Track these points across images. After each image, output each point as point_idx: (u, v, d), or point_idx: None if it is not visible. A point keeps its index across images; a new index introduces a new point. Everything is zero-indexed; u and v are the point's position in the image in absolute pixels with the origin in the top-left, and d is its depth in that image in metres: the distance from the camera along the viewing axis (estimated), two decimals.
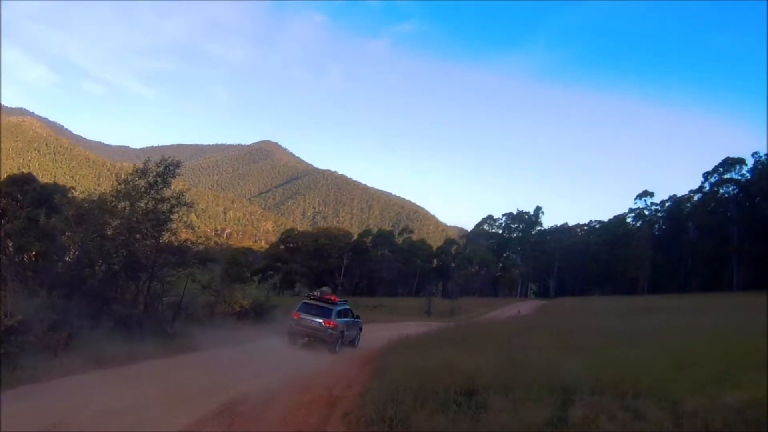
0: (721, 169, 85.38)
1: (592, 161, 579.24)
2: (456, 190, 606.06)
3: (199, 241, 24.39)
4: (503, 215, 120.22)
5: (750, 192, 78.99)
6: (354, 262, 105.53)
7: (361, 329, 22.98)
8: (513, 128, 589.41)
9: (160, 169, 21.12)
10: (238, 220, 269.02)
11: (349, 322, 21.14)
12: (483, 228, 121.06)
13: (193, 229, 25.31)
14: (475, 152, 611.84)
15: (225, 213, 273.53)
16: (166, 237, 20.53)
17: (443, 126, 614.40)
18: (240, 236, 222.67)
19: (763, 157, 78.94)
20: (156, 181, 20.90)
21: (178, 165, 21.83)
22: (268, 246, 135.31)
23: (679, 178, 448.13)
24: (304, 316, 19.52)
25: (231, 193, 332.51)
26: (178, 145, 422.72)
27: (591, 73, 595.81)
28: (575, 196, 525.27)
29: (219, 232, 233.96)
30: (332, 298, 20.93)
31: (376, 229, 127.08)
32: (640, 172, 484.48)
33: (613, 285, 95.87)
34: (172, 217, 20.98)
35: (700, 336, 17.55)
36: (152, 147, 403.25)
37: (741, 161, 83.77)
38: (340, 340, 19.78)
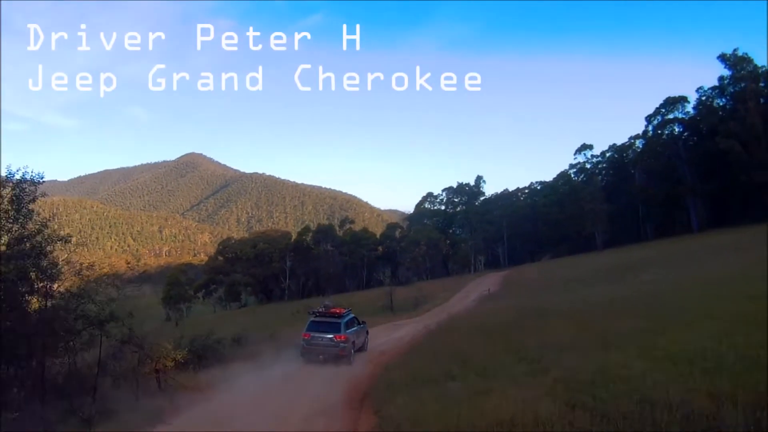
0: (663, 110, 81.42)
1: (525, 124, 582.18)
2: (386, 174, 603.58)
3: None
4: (443, 190, 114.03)
5: (699, 129, 75.21)
6: (297, 262, 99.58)
7: (368, 332, 23.14)
8: (436, 104, 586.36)
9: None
10: (175, 237, 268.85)
11: (358, 330, 21.28)
12: (424, 207, 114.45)
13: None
14: (399, 133, 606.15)
15: (161, 231, 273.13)
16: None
17: (364, 112, 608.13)
18: (179, 252, 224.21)
19: (708, 91, 75.03)
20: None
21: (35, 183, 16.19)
22: (207, 258, 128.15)
23: (614, 129, 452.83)
24: (314, 334, 19.69)
25: (164, 211, 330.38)
26: (105, 171, 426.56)
27: (507, 37, 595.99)
28: (513, 162, 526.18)
29: (157, 252, 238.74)
30: (337, 311, 20.92)
31: (314, 225, 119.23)
32: (575, 127, 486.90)
33: (569, 245, 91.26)
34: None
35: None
36: (80, 177, 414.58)
37: (683, 99, 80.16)
38: (353, 351, 20.04)
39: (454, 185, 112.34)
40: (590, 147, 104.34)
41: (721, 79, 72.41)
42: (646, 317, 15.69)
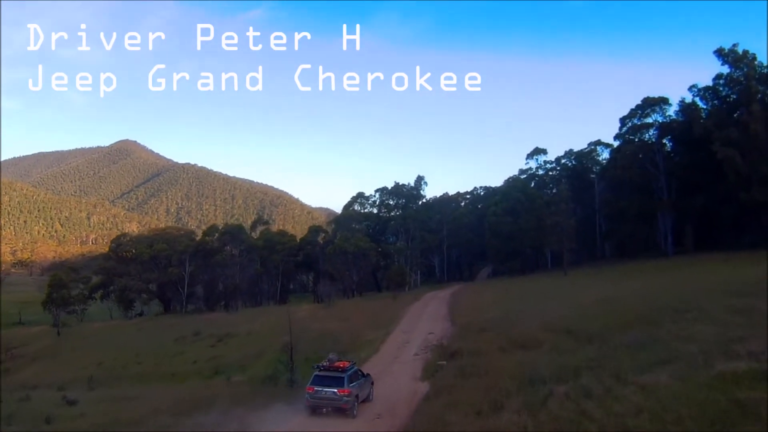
0: (640, 112, 69.51)
1: (473, 125, 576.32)
2: (319, 170, 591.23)
3: None
4: (376, 191, 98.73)
5: (685, 135, 63.28)
6: (201, 268, 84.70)
7: (372, 383, 22.59)
8: (378, 101, 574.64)
9: None
10: (103, 225, 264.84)
11: (362, 383, 21.20)
12: (353, 209, 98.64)
13: None
14: (336, 130, 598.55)
15: (89, 218, 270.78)
16: None
17: (300, 107, 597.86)
18: (105, 241, 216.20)
19: (701, 92, 63.20)
20: None
21: None
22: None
23: (570, 134, 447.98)
24: (317, 388, 19.96)
25: (94, 198, 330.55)
26: (40, 154, 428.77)
27: (455, 34, 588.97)
28: (455, 166, 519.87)
29: (84, 239, 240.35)
30: (341, 365, 20.86)
31: (243, 220, 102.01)
32: (526, 130, 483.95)
33: (521, 261, 78.48)
34: None
35: None
36: (14, 158, 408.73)
37: (664, 101, 68.81)
38: (356, 404, 20.05)
39: (391, 186, 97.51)
40: (544, 151, 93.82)
41: (717, 78, 60.91)
42: None
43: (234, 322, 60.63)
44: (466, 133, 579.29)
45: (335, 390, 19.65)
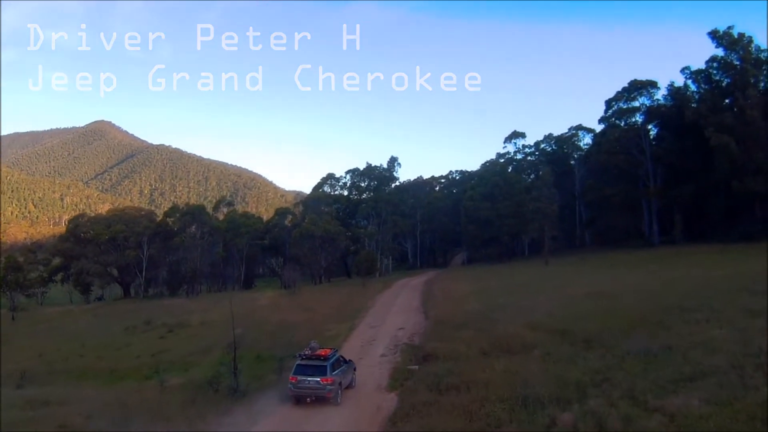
0: (627, 95, 65.90)
1: (445, 110, 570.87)
2: (294, 153, 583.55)
3: None
4: (347, 172, 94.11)
5: (675, 119, 59.74)
6: (162, 251, 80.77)
7: (355, 369, 22.23)
8: (348, 84, 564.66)
9: None
10: (76, 206, 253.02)
11: (344, 370, 20.88)
12: (323, 191, 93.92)
13: None
14: (309, 112, 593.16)
15: (62, 199, 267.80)
16: None
17: (274, 88, 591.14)
18: None
19: (695, 74, 59.60)
20: None
21: None
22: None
23: (546, 120, 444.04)
24: (300, 377, 19.57)
25: (68, 178, 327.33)
26: (15, 134, 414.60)
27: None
28: (430, 151, 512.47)
29: (57, 220, 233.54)
30: (323, 353, 20.49)
31: (184, 205, 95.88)
32: (505, 113, 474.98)
33: (498, 248, 74.95)
34: None
35: None
36: None
37: (652, 84, 65.44)
38: (340, 392, 19.82)
39: (363, 167, 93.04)
40: (522, 135, 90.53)
41: (711, 60, 57.37)
42: None
43: (191, 309, 56.11)
44: (442, 117, 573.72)
45: (318, 379, 19.31)
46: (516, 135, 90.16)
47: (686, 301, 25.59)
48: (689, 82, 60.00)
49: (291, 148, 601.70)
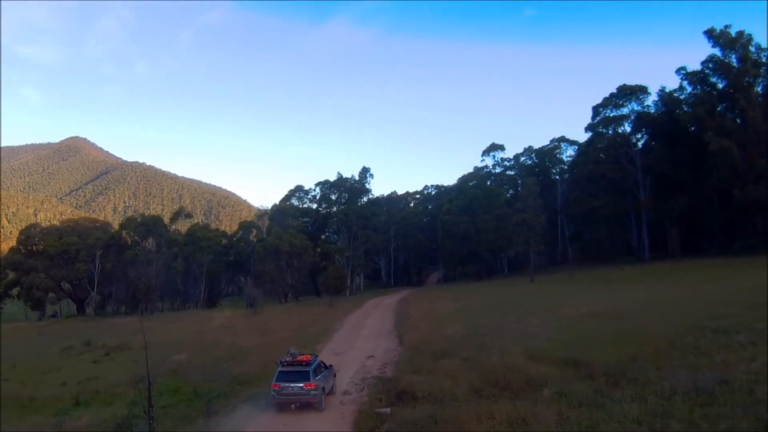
0: (615, 101, 62.19)
1: (421, 122, 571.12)
2: (267, 171, 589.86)
3: None
4: (317, 184, 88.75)
5: (674, 125, 55.64)
6: (117, 266, 74.87)
7: (335, 375, 21.48)
8: (322, 101, 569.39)
9: None
10: (49, 221, 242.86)
11: (326, 375, 20.20)
12: (290, 203, 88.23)
13: None
14: (282, 129, 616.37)
15: (36, 215, 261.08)
16: None
17: (248, 107, 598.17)
18: None
19: (690, 75, 55.73)
20: None
21: None
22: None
23: (525, 133, 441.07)
24: (284, 384, 18.79)
25: (42, 194, 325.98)
26: None
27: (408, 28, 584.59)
28: (405, 166, 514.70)
29: None
30: (304, 359, 19.90)
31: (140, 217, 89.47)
32: (483, 128, 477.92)
33: (477, 265, 70.37)
34: None
35: None
36: None
37: (642, 89, 61.79)
38: (323, 396, 19.15)
39: (333, 179, 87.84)
40: (501, 147, 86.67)
41: (707, 61, 53.60)
42: None
43: (139, 329, 50.24)
44: (417, 130, 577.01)
45: (301, 385, 18.61)
46: (494, 147, 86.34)
47: (713, 320, 21.36)
48: (685, 83, 55.87)
49: (264, 166, 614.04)
